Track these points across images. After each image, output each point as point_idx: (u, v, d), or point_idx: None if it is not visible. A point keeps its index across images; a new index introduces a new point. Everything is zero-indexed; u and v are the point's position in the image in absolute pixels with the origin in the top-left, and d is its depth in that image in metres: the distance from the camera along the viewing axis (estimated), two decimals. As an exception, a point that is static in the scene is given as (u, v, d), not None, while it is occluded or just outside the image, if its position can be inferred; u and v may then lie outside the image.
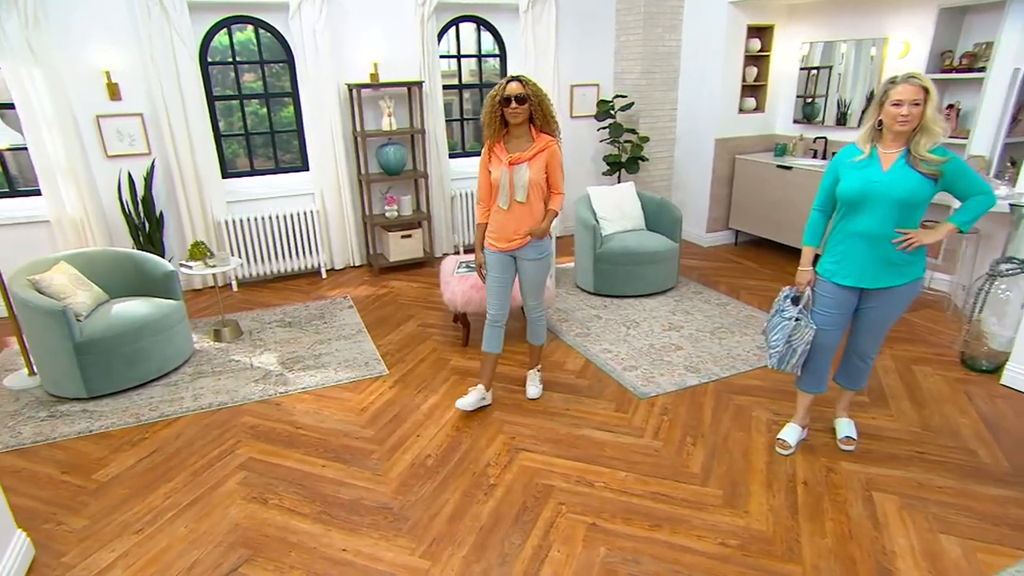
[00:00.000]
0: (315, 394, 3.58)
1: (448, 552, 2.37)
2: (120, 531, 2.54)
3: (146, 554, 2.41)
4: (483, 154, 3.05)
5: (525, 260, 3.12)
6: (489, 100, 2.89)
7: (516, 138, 2.96)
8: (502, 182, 2.95)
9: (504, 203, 2.99)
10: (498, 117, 2.91)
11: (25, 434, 3.27)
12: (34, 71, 4.41)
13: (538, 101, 2.86)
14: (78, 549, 2.45)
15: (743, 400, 3.42)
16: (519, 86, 2.84)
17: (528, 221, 3.01)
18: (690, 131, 6.40)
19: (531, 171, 2.92)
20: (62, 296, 3.59)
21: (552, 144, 2.95)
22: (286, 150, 5.82)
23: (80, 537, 2.51)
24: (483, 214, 3.14)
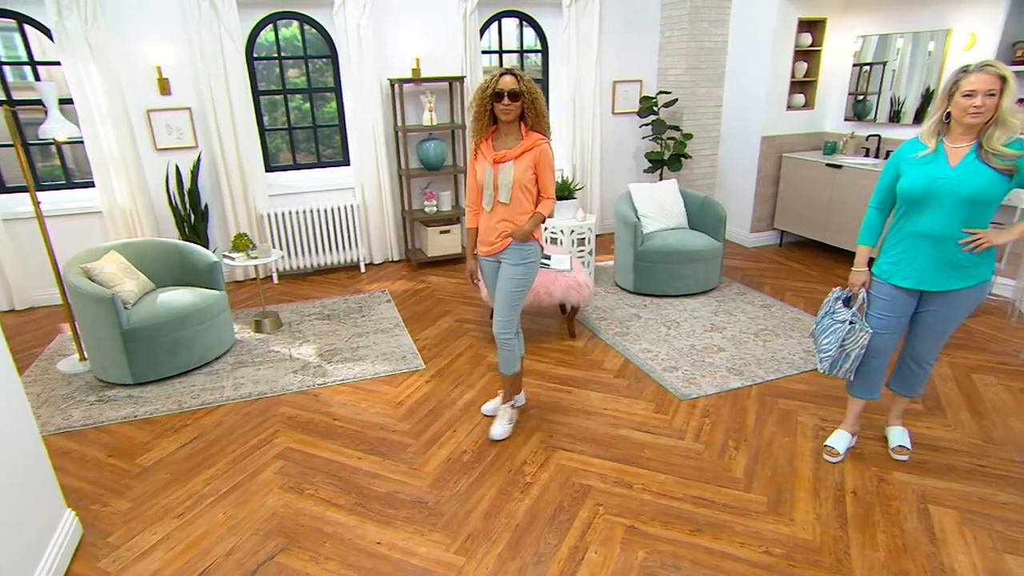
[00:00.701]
0: (352, 386, 3.59)
1: (483, 549, 2.34)
2: (162, 515, 2.58)
3: (186, 538, 2.44)
4: (471, 153, 2.85)
5: (505, 264, 2.84)
6: (479, 94, 2.68)
7: (505, 135, 2.74)
8: (486, 181, 2.74)
9: (488, 204, 2.77)
10: (487, 112, 2.69)
11: (75, 417, 3.37)
12: (91, 67, 4.56)
13: (531, 98, 2.65)
14: (123, 530, 2.50)
15: (788, 404, 3.31)
16: (513, 80, 2.62)
17: (513, 223, 2.77)
18: (735, 128, 6.25)
19: (516, 170, 2.68)
20: (111, 284, 3.69)
21: (542, 143, 2.70)
22: (328, 145, 5.89)
23: (124, 519, 2.57)
24: (473, 219, 2.93)
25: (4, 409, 2.09)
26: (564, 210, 5.04)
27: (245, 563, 2.30)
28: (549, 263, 4.08)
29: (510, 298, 2.85)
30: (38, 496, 2.24)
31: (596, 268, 5.47)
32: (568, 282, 3.91)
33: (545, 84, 6.38)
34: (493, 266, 2.93)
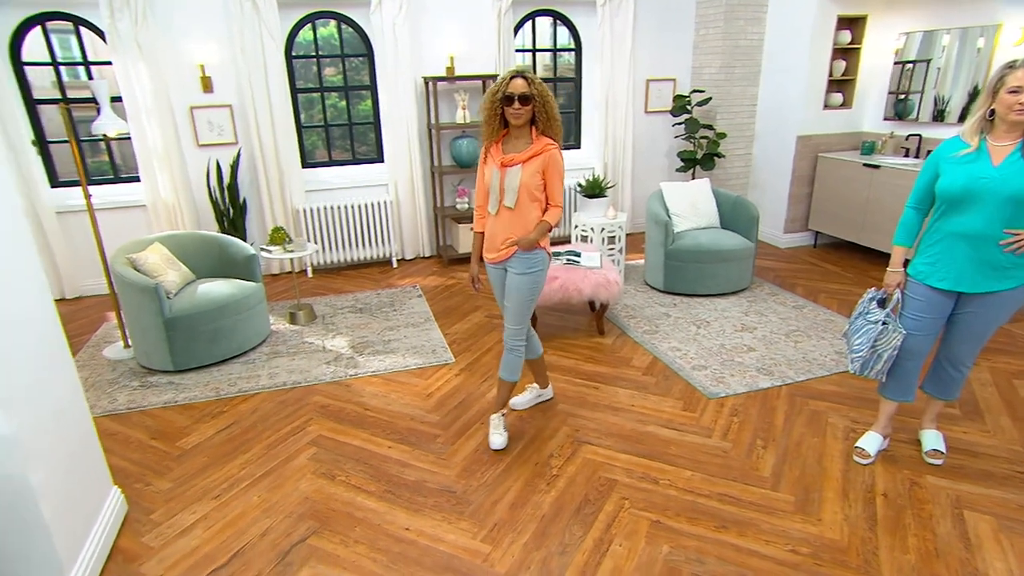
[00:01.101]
0: (384, 378, 3.67)
1: (509, 538, 2.38)
2: (200, 495, 2.69)
3: (223, 518, 2.54)
4: (480, 156, 2.79)
5: (511, 272, 2.76)
6: (489, 97, 2.60)
7: (515, 139, 2.68)
8: (492, 185, 2.68)
9: (493, 208, 2.71)
10: (498, 116, 2.62)
11: (120, 401, 3.51)
12: (140, 66, 4.73)
13: (542, 102, 2.57)
14: (164, 509, 2.61)
15: (819, 405, 3.27)
16: (524, 84, 2.54)
17: (518, 230, 2.69)
18: (770, 128, 6.17)
19: (523, 174, 2.61)
20: (155, 274, 3.83)
21: (551, 148, 2.63)
22: (362, 142, 5.99)
23: (166, 498, 2.68)
24: (480, 223, 2.87)
25: (61, 391, 2.21)
26: (595, 208, 5.05)
27: (279, 544, 2.38)
28: (579, 260, 4.10)
29: (519, 307, 2.79)
30: (89, 473, 2.36)
31: (626, 267, 5.47)
32: (598, 279, 3.93)
33: (578, 83, 6.39)
34: (499, 273, 2.86)
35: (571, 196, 6.23)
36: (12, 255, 2.00)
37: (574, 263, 4.06)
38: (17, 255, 2.03)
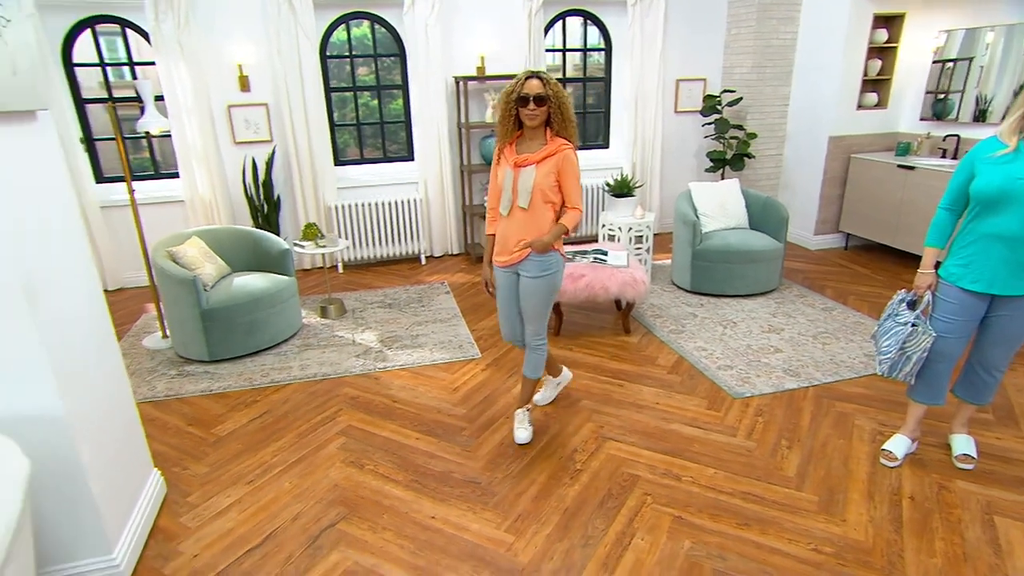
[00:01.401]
0: (411, 371, 3.75)
1: (532, 529, 2.43)
2: (235, 480, 2.78)
3: (256, 502, 2.63)
4: (494, 157, 2.75)
5: (527, 277, 2.72)
6: (504, 98, 2.57)
7: (529, 140, 2.65)
8: (505, 185, 2.64)
9: (506, 209, 2.67)
10: (513, 117, 2.59)
11: (159, 388, 3.64)
12: (181, 66, 4.89)
13: (558, 103, 2.54)
14: (200, 492, 2.71)
15: (846, 407, 3.25)
16: (539, 85, 2.50)
17: (532, 232, 2.65)
18: (802, 128, 6.11)
19: (537, 174, 2.58)
20: (193, 267, 3.96)
21: (565, 148, 2.60)
22: (393, 140, 6.09)
23: (202, 481, 2.78)
24: (492, 224, 2.83)
25: (108, 378, 2.32)
26: (622, 207, 5.06)
27: (309, 528, 2.47)
28: (606, 259, 4.13)
29: (537, 310, 2.78)
30: (132, 455, 2.47)
31: (653, 266, 5.46)
32: (624, 278, 3.95)
33: (607, 82, 6.40)
34: (509, 278, 2.79)
35: (599, 195, 6.25)
36: (68, 250, 2.11)
37: (601, 262, 4.09)
38: (73, 250, 2.14)
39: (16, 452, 1.60)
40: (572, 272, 3.96)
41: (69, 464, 2.01)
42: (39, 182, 1.95)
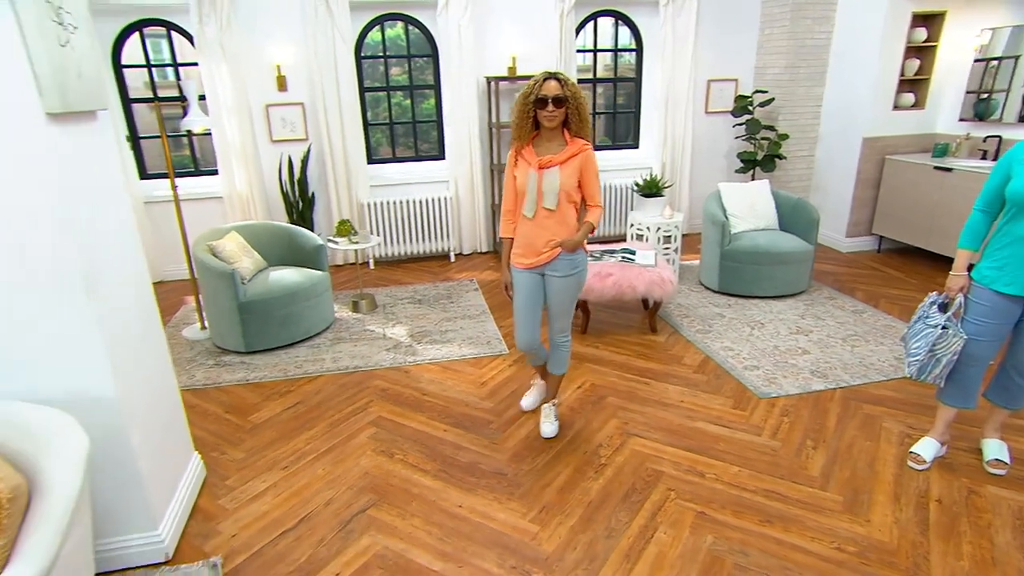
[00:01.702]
0: (440, 365, 3.83)
1: (557, 520, 2.49)
2: (270, 465, 2.90)
3: (290, 487, 2.74)
4: (509, 159, 2.75)
5: (554, 276, 2.75)
6: (521, 99, 2.58)
7: (547, 141, 2.66)
8: (529, 187, 2.64)
9: (530, 211, 2.67)
10: (530, 119, 2.61)
11: (197, 377, 3.79)
12: (223, 67, 5.06)
13: (575, 104, 2.56)
14: (237, 476, 2.83)
15: (874, 410, 3.24)
16: (558, 86, 2.52)
17: (560, 232, 2.68)
18: (835, 129, 6.04)
19: (562, 176, 2.61)
20: (231, 261, 4.11)
21: (587, 149, 2.64)
22: (425, 139, 6.20)
23: (239, 466, 2.90)
24: (508, 227, 2.83)
25: (155, 363, 2.44)
26: (651, 207, 5.09)
27: (341, 513, 2.56)
28: (634, 258, 4.16)
29: (565, 309, 2.83)
30: (175, 438, 2.60)
31: (681, 266, 5.47)
32: (652, 277, 3.98)
33: (638, 82, 6.42)
34: (534, 278, 2.80)
35: (627, 195, 6.27)
36: (121, 242, 2.24)
37: (629, 261, 4.12)
38: (125, 242, 2.27)
39: (77, 429, 1.72)
40: (600, 271, 4.01)
41: (120, 444, 2.13)
42: (98, 178, 2.08)
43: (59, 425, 1.73)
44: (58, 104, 1.75)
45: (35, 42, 1.66)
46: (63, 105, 1.77)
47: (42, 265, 1.86)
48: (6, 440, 1.73)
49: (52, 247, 1.85)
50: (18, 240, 1.82)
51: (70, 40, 1.82)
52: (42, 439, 1.69)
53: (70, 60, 1.82)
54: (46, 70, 1.69)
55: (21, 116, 1.71)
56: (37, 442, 1.69)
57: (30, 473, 1.65)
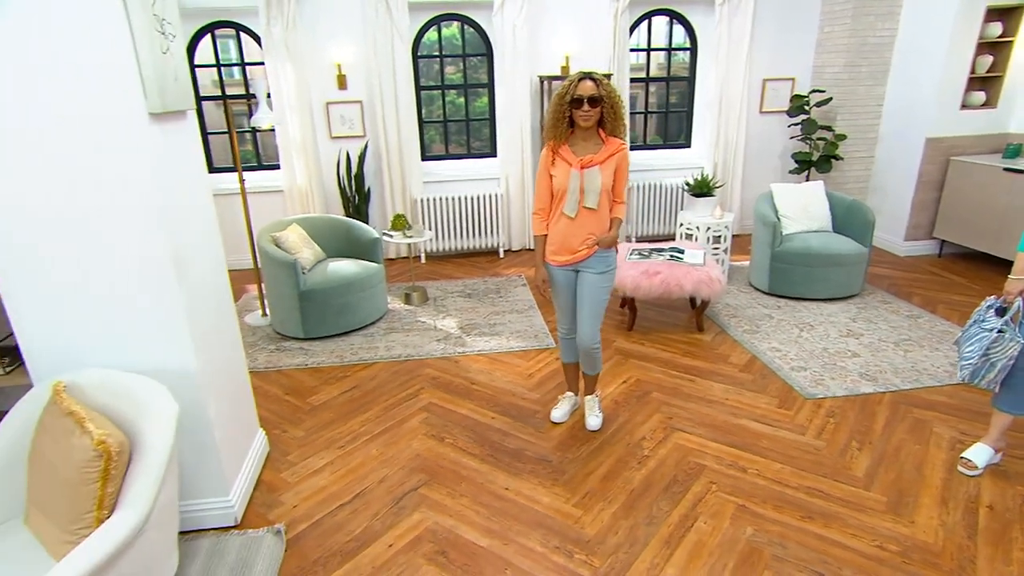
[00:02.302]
0: (489, 357, 4.00)
1: (599, 506, 2.61)
2: (327, 444, 3.11)
3: (346, 465, 2.94)
4: (543, 157, 2.80)
5: (588, 273, 2.85)
6: (557, 99, 2.67)
7: (583, 141, 2.74)
8: (571, 187, 2.71)
9: (572, 210, 2.75)
10: (566, 118, 2.68)
11: (259, 361, 4.06)
12: (287, 66, 5.35)
13: (611, 103, 2.64)
14: (298, 452, 3.06)
15: (924, 414, 3.23)
16: (593, 86, 2.60)
17: (597, 230, 2.79)
18: (896, 129, 5.93)
19: (603, 175, 2.70)
20: (293, 252, 4.36)
21: (624, 148, 2.74)
22: (477, 137, 6.38)
23: (299, 444, 3.13)
24: (542, 225, 2.89)
25: (228, 341, 2.68)
26: (701, 207, 5.13)
27: (394, 490, 2.75)
28: (682, 257, 4.23)
29: (598, 307, 2.89)
30: (244, 413, 2.83)
31: (731, 267, 5.49)
32: (700, 276, 4.04)
33: (692, 81, 6.45)
34: (570, 275, 2.90)
35: (678, 194, 6.31)
36: (203, 227, 2.47)
37: (677, 259, 4.19)
38: (206, 228, 2.51)
39: (169, 396, 1.94)
40: (647, 268, 4.09)
41: (199, 414, 2.36)
42: (186, 169, 2.31)
43: (154, 392, 1.95)
44: (159, 105, 1.97)
45: (144, 51, 1.89)
46: (163, 106, 1.99)
47: (140, 251, 2.09)
48: (111, 404, 1.96)
49: (149, 235, 2.08)
50: (121, 228, 2.06)
51: (169, 47, 2.04)
52: (140, 404, 1.92)
53: (169, 65, 2.04)
54: (151, 75, 1.92)
55: (129, 116, 1.94)
56: (136, 406, 1.92)
57: (130, 433, 1.88)
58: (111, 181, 2.00)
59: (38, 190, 1.98)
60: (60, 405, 1.88)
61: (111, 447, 1.72)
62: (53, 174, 1.97)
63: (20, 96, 1.88)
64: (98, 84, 1.89)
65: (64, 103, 1.90)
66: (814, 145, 6.02)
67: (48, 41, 1.84)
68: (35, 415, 2.02)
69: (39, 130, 1.92)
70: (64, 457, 1.78)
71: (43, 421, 1.93)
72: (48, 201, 2.00)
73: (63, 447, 1.79)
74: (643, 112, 6.53)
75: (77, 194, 2.00)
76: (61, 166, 1.96)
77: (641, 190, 6.30)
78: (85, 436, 1.74)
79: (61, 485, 1.79)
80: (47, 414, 1.93)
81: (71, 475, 1.75)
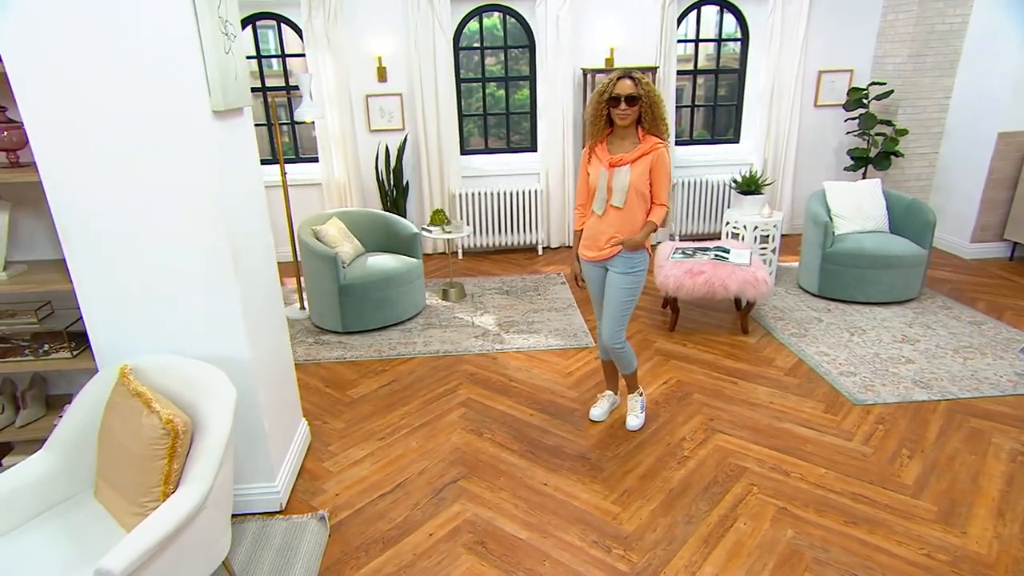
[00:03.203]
0: (527, 355, 4.15)
1: (638, 504, 2.74)
2: (368, 436, 3.31)
3: (387, 456, 3.13)
4: (583, 155, 2.98)
5: (613, 272, 2.98)
6: (596, 97, 2.80)
7: (621, 139, 2.87)
8: (599, 184, 2.86)
9: (599, 208, 2.90)
10: (604, 116, 2.82)
11: (299, 353, 4.29)
12: (327, 58, 5.60)
13: (649, 102, 2.75)
14: (339, 443, 3.26)
15: (983, 424, 3.27)
16: (631, 85, 2.73)
17: (625, 229, 2.90)
18: (965, 123, 5.87)
19: (632, 174, 2.81)
20: (334, 245, 4.59)
21: (660, 147, 2.82)
22: (516, 131, 6.54)
23: (340, 435, 3.33)
24: (580, 220, 3.06)
25: (276, 331, 2.89)
26: (749, 205, 5.19)
27: (434, 482, 2.92)
28: (727, 257, 4.31)
29: (619, 308, 3.00)
30: (289, 402, 3.04)
31: (779, 268, 5.53)
32: (745, 276, 4.12)
33: (742, 74, 6.48)
34: (599, 271, 3.05)
35: (725, 192, 6.36)
36: (256, 219, 2.68)
37: (722, 259, 4.28)
38: (259, 220, 2.72)
39: (227, 382, 2.14)
40: (691, 268, 4.19)
41: (251, 401, 2.57)
42: (243, 164, 2.52)
43: (213, 377, 2.16)
44: (221, 103, 2.18)
45: (209, 51, 2.09)
46: (225, 104, 2.20)
47: (201, 244, 2.31)
48: (172, 387, 2.18)
49: (210, 228, 2.29)
50: (184, 222, 2.27)
51: (231, 47, 2.25)
52: (201, 388, 2.12)
53: (230, 64, 2.25)
54: (215, 74, 2.12)
55: (195, 114, 2.15)
56: (196, 390, 2.13)
57: (191, 415, 2.09)
58: (176, 177, 2.21)
59: (108, 185, 2.21)
60: (128, 386, 2.10)
61: (178, 426, 1.93)
62: (122, 170, 2.19)
63: (93, 96, 2.10)
64: (167, 84, 2.10)
65: (134, 103, 2.12)
66: (872, 141, 6.01)
67: (121, 41, 2.05)
68: (104, 396, 2.25)
69: (110, 129, 2.14)
70: (133, 434, 1.99)
71: (112, 401, 2.15)
72: (116, 196, 2.22)
73: (132, 425, 2.01)
74: (690, 105, 6.60)
75: (143, 189, 2.22)
76: (129, 163, 2.18)
77: (686, 187, 6.37)
78: (153, 415, 1.95)
79: (130, 461, 2.00)
80: (115, 394, 2.15)
81: (141, 451, 1.96)
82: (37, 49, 2.04)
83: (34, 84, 2.08)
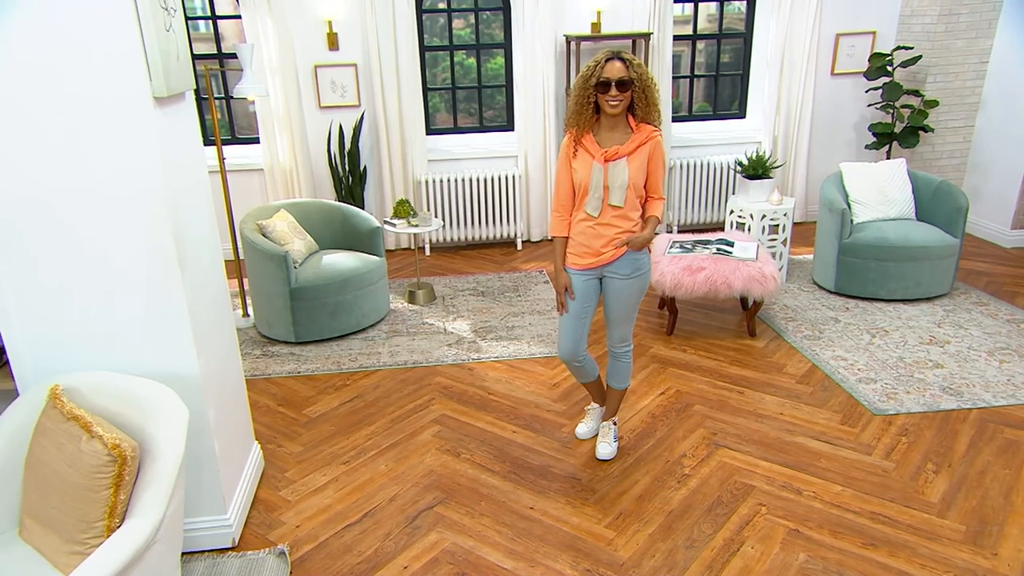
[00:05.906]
0: (507, 364, 4.33)
1: (634, 527, 2.92)
2: (329, 460, 3.45)
3: (353, 482, 3.28)
4: (564, 148, 3.00)
5: (616, 278, 3.06)
6: (581, 82, 2.85)
7: (610, 130, 2.93)
8: (593, 182, 2.90)
9: (595, 208, 2.95)
10: (591, 104, 2.87)
11: (245, 367, 4.40)
12: (267, 21, 5.70)
13: (642, 87, 2.81)
14: (296, 468, 3.40)
15: (1018, 435, 3.50)
16: (622, 67, 2.78)
17: (626, 229, 2.99)
18: (1005, 90, 6.12)
19: (631, 168, 2.88)
20: (283, 242, 4.71)
21: (656, 136, 2.90)
22: (490, 106, 6.70)
23: (297, 459, 3.47)
24: (563, 225, 3.08)
25: (225, 342, 3.02)
26: (756, 191, 5.40)
27: (407, 509, 3.08)
28: (731, 250, 4.52)
29: (629, 313, 3.17)
30: (240, 422, 3.18)
31: (790, 261, 5.77)
32: (751, 273, 4.33)
33: (748, 38, 6.70)
34: (590, 283, 3.10)
35: (728, 176, 6.57)
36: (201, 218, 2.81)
37: (725, 253, 4.48)
38: (203, 219, 2.84)
39: (177, 400, 2.28)
40: (690, 264, 4.39)
41: (200, 422, 2.70)
42: (186, 152, 2.66)
43: (160, 396, 2.28)
44: (164, 88, 2.30)
45: (149, 31, 2.22)
46: (167, 89, 2.32)
47: (143, 241, 2.43)
48: (112, 408, 2.30)
49: (152, 225, 2.41)
50: (122, 219, 2.39)
51: (172, 24, 2.38)
52: (148, 408, 2.25)
53: (171, 44, 2.38)
54: (156, 57, 2.25)
55: (133, 102, 2.27)
56: (143, 411, 2.25)
57: (138, 439, 2.21)
58: (113, 169, 2.33)
59: (34, 178, 2.31)
60: (61, 409, 2.22)
61: (125, 451, 2.06)
62: (50, 162, 2.30)
63: (14, 79, 2.20)
64: (100, 67, 2.22)
65: (64, 89, 2.23)
66: (897, 114, 6.24)
67: (46, 18, 2.16)
68: (29, 421, 2.36)
69: (34, 117, 2.25)
70: (71, 463, 2.11)
71: (41, 426, 2.27)
72: (44, 189, 2.33)
73: (69, 453, 2.13)
74: (688, 76, 6.81)
75: (76, 181, 2.33)
76: (59, 153, 2.29)
77: (684, 170, 6.57)
78: (95, 440, 2.08)
79: (67, 493, 2.12)
80: (45, 419, 2.26)
81: (80, 481, 2.08)
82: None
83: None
